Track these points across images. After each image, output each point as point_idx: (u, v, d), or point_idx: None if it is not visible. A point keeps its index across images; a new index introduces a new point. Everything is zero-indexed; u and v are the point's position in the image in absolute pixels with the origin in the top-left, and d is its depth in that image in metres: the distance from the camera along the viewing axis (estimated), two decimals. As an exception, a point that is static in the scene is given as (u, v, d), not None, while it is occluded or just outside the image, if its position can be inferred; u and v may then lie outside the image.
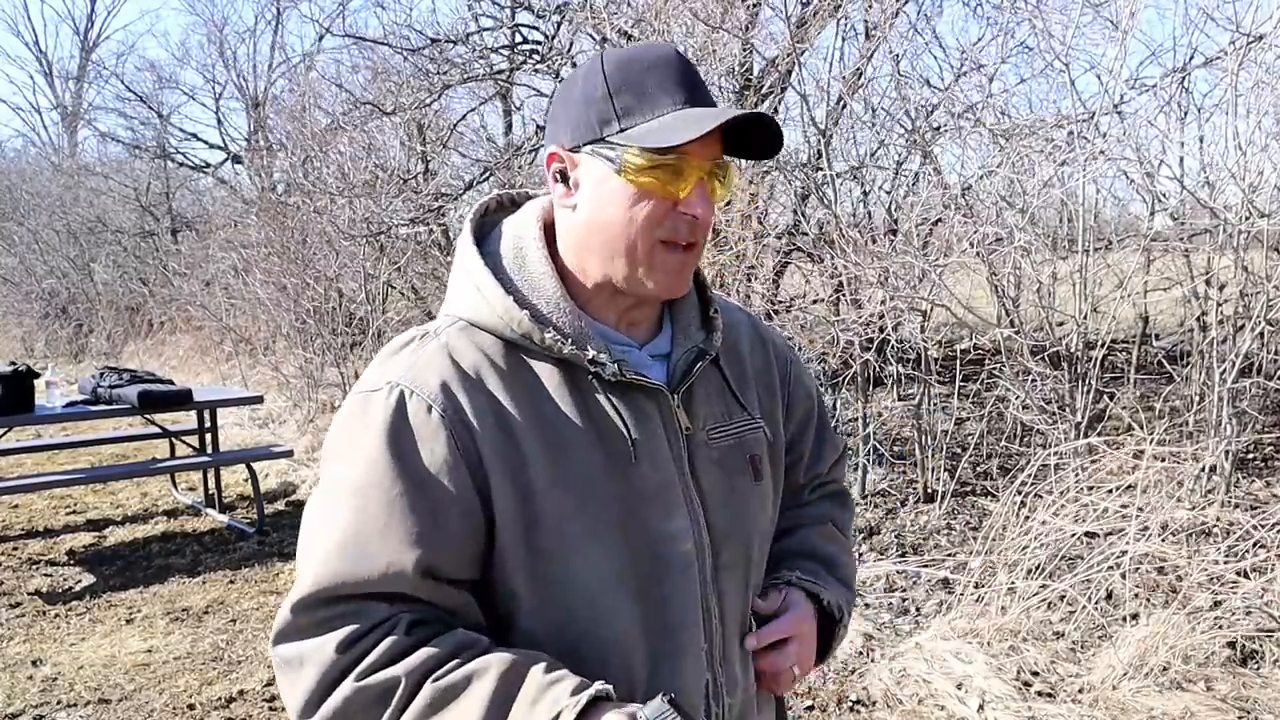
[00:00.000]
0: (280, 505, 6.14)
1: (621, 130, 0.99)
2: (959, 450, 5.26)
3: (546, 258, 1.06)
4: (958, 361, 5.15)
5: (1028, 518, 3.73)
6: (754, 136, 1.02)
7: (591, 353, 1.01)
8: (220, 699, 3.44)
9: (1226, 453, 4.16)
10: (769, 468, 1.17)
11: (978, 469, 5.24)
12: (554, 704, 0.89)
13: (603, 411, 1.02)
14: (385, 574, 0.94)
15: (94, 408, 5.38)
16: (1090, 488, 3.79)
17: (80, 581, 4.73)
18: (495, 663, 0.93)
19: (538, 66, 7.73)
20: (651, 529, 1.02)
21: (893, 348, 4.95)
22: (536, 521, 0.98)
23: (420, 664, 0.93)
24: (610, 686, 0.92)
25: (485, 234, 1.12)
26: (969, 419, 5.52)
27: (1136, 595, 3.51)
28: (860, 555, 4.42)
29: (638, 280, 1.03)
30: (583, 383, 1.03)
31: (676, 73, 1.00)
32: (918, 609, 3.88)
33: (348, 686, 0.92)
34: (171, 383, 5.81)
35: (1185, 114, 4.83)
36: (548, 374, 1.02)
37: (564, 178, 1.04)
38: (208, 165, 16.89)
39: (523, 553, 0.98)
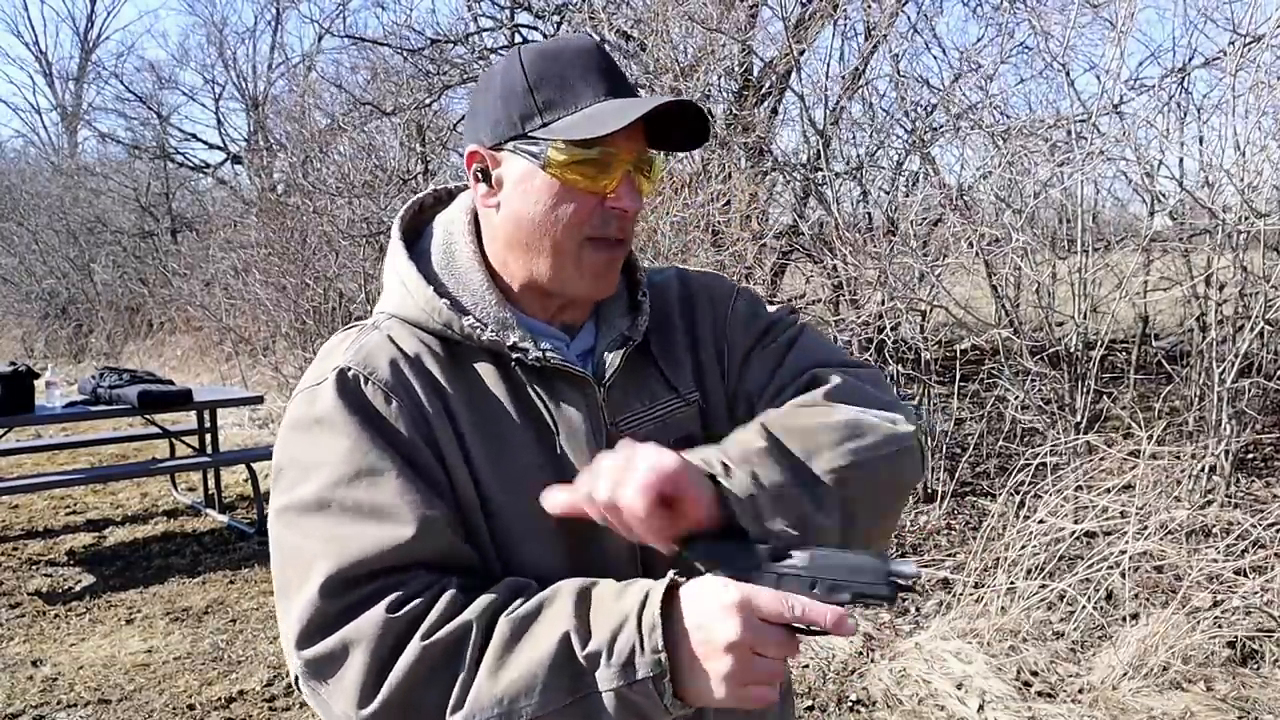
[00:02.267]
0: (280, 505, 6.14)
1: (544, 124, 0.97)
2: (958, 450, 5.26)
3: (475, 251, 1.05)
4: (957, 362, 5.15)
5: (1027, 518, 3.73)
6: (679, 128, 1.00)
7: (513, 339, 1.00)
8: (220, 699, 3.45)
9: (1226, 452, 4.16)
10: (706, 439, 1.08)
11: (977, 469, 5.24)
12: (641, 589, 0.86)
13: (532, 404, 1.01)
14: (425, 538, 0.89)
15: (94, 408, 5.38)
16: (1089, 487, 3.79)
17: (80, 581, 4.73)
18: (565, 586, 0.89)
19: (537, 67, 7.71)
20: (585, 523, 0.99)
21: (892, 348, 4.95)
22: (486, 512, 0.97)
23: (488, 606, 0.87)
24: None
25: (421, 230, 1.11)
26: (968, 419, 5.53)
27: (1136, 595, 3.52)
28: (860, 555, 4.41)
29: (564, 279, 1.02)
30: (512, 375, 1.01)
31: (596, 64, 0.98)
32: (918, 609, 3.89)
33: (414, 647, 0.85)
34: (171, 383, 5.81)
35: (1185, 114, 4.84)
36: (480, 367, 1.01)
37: (485, 176, 1.02)
38: (207, 165, 16.93)
39: (482, 534, 0.97)
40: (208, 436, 6.00)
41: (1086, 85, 14.63)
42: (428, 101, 7.80)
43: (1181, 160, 4.88)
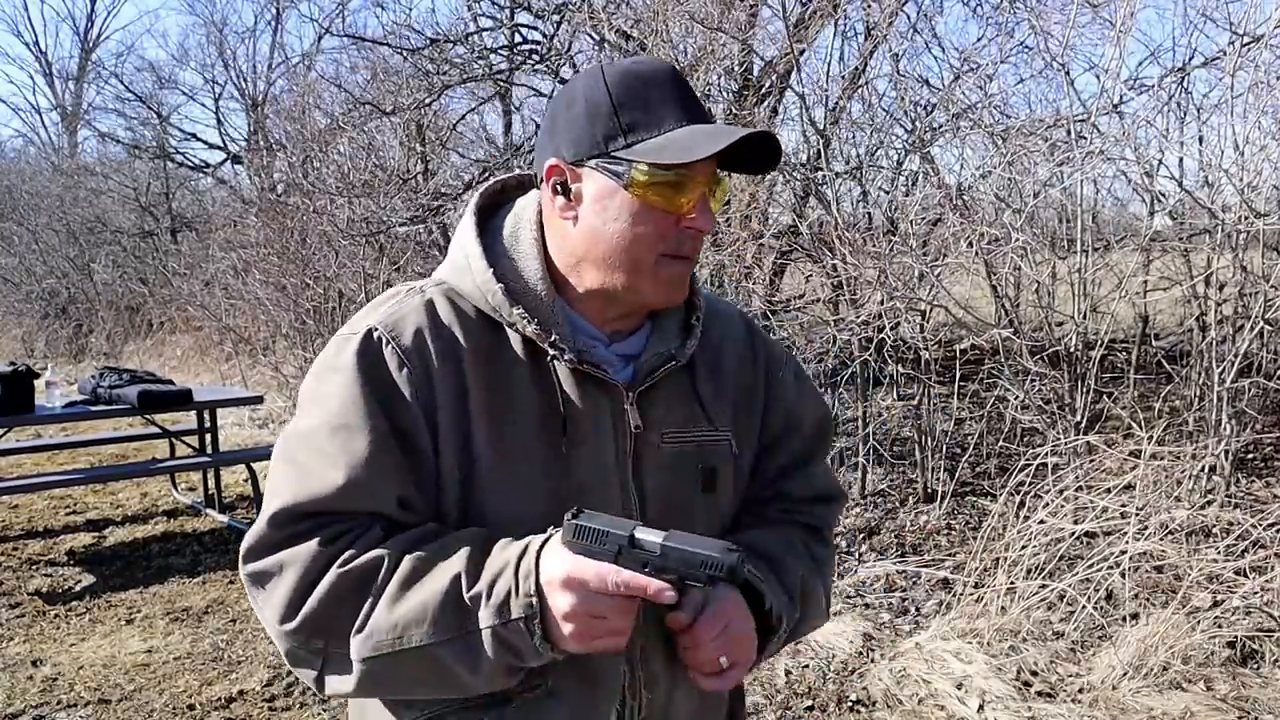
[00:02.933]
0: (280, 505, 6.14)
1: (628, 145, 1.00)
2: (958, 450, 5.26)
3: (536, 239, 1.09)
4: (957, 362, 5.15)
5: (1027, 518, 3.73)
6: (749, 152, 1.04)
7: (554, 336, 1.04)
8: (220, 699, 3.45)
9: (1226, 452, 4.16)
10: (729, 483, 1.16)
11: (977, 469, 5.24)
12: (525, 542, 0.97)
13: (555, 395, 1.05)
14: (365, 497, 0.99)
15: (94, 408, 5.38)
16: (1089, 487, 3.79)
17: (80, 581, 4.73)
18: (468, 532, 1.00)
19: (537, 67, 7.73)
20: (572, 502, 1.04)
21: (891, 348, 4.95)
22: (474, 484, 1.03)
23: (402, 544, 0.98)
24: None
25: (496, 210, 1.16)
26: (968, 419, 5.53)
27: (1136, 595, 3.52)
28: (860, 555, 4.42)
29: (639, 291, 1.06)
30: (544, 368, 1.06)
31: (676, 89, 1.03)
32: (918, 609, 3.89)
33: (331, 574, 0.96)
34: (171, 383, 5.81)
35: (1184, 114, 4.84)
36: (516, 349, 1.06)
37: (564, 190, 1.05)
38: (207, 165, 16.91)
39: (462, 506, 1.04)
40: (208, 436, 6.00)
41: (1086, 85, 14.64)
42: (427, 101, 7.78)
43: (1181, 160, 4.88)
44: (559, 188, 1.05)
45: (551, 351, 1.04)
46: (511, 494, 1.03)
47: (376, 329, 1.03)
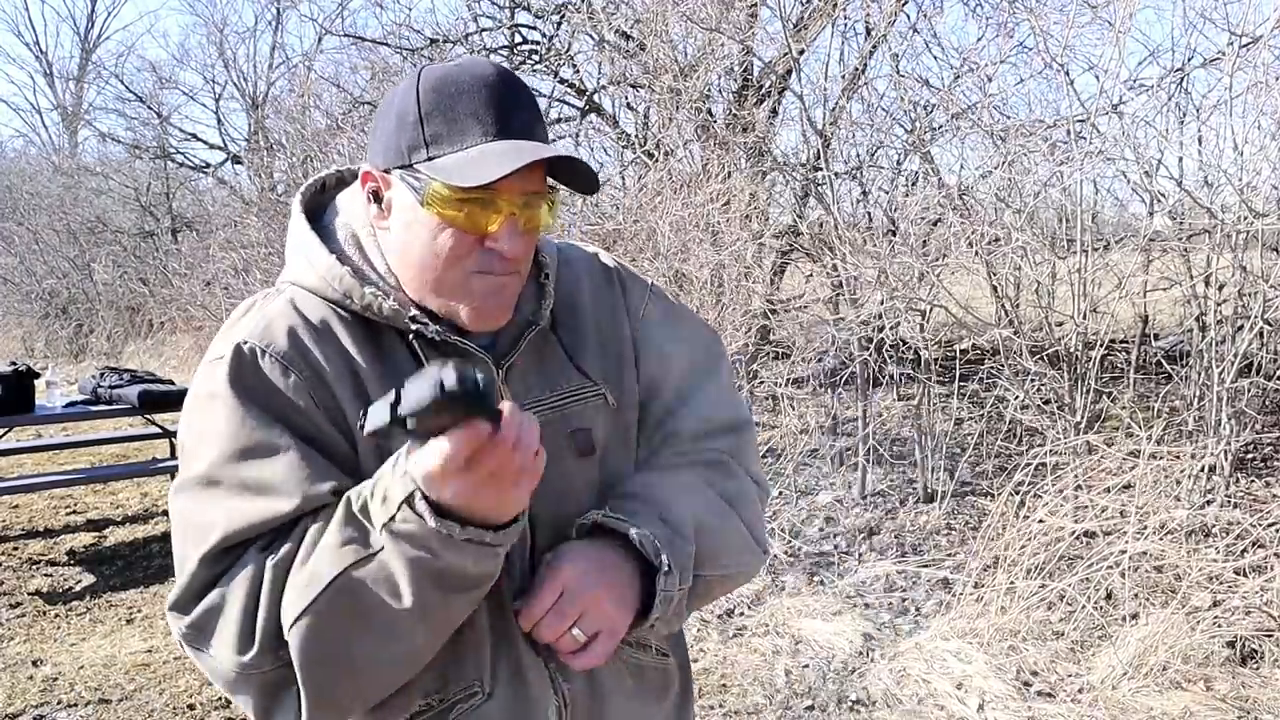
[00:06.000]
0: (280, 505, 6.13)
1: (429, 159, 0.96)
2: (958, 450, 5.26)
3: (376, 245, 1.05)
4: (957, 362, 5.15)
5: (1027, 518, 3.73)
6: (572, 173, 1.00)
7: (413, 310, 1.00)
8: (220, 699, 3.45)
9: (1225, 452, 4.16)
10: (614, 442, 1.11)
11: (977, 469, 5.24)
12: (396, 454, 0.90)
13: None
14: (302, 507, 0.93)
15: (94, 408, 5.39)
16: (1089, 487, 3.80)
17: (80, 581, 4.73)
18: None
19: (536, 67, 7.74)
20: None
21: (891, 348, 4.95)
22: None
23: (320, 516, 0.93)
24: None
25: (323, 209, 1.12)
26: (968, 419, 5.53)
27: (1136, 595, 3.52)
28: (860, 555, 4.42)
29: (453, 310, 1.01)
30: (411, 349, 1.02)
31: (492, 97, 0.96)
32: (917, 609, 3.89)
33: (268, 570, 0.90)
34: (171, 383, 5.82)
35: (1184, 115, 4.84)
36: (380, 338, 1.02)
37: (377, 198, 1.02)
38: (208, 165, 16.88)
39: None
40: (208, 436, 5.99)
41: (1086, 85, 14.62)
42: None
43: (1181, 160, 4.88)
44: (372, 195, 1.02)
45: (414, 327, 0.99)
46: None
47: (246, 341, 0.97)
